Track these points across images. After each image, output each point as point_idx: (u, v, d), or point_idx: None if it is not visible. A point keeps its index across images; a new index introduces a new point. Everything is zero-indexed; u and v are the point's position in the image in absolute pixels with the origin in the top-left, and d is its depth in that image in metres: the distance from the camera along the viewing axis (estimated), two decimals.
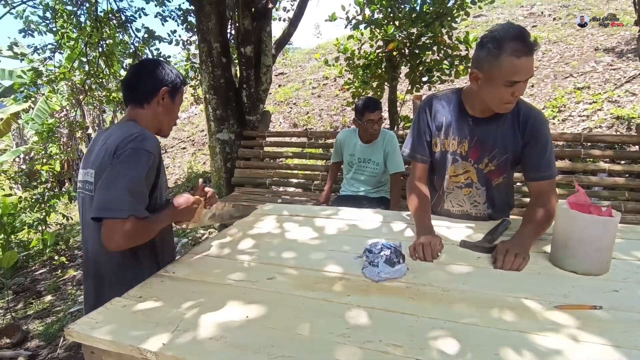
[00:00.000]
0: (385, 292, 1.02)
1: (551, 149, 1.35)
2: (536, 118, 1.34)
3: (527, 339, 0.80)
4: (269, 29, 3.87)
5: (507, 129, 1.37)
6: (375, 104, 2.48)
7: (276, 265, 1.21)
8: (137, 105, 1.26)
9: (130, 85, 1.27)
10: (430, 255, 1.19)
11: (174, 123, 1.35)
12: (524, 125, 1.35)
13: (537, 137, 1.34)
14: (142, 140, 1.13)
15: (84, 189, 1.23)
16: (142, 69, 1.28)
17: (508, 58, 1.18)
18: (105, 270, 1.21)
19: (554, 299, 0.95)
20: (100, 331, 0.88)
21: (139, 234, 1.10)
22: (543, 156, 1.34)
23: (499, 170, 1.44)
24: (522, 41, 1.17)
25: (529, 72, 1.20)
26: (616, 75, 5.83)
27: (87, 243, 1.25)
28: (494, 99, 1.28)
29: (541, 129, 1.34)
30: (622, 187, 2.58)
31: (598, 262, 1.05)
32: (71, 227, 5.43)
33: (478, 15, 9.13)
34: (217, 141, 3.88)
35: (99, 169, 1.15)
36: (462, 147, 1.44)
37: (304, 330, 0.86)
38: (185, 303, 0.99)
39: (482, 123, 1.39)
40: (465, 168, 1.47)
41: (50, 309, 3.13)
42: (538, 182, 1.35)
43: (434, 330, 0.84)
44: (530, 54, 1.17)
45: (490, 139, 1.39)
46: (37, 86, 5.26)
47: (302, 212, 1.75)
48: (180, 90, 1.33)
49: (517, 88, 1.22)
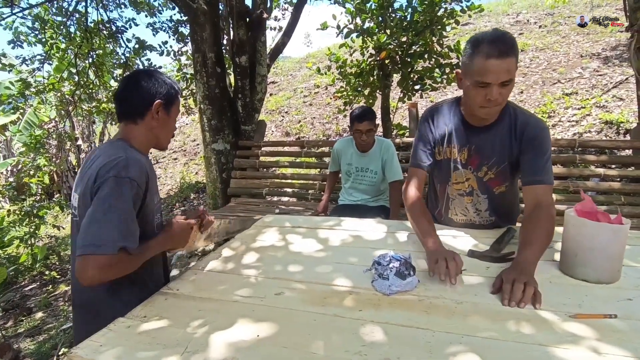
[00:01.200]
0: (398, 306, 1.00)
1: (549, 157, 1.32)
2: (534, 126, 1.33)
3: (549, 352, 0.78)
4: (263, 38, 3.87)
5: (504, 137, 1.37)
6: (363, 114, 2.43)
7: (283, 280, 1.18)
8: (130, 121, 1.18)
9: (121, 100, 1.18)
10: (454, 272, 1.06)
11: (171, 136, 1.27)
12: (521, 133, 1.34)
13: (533, 143, 1.32)
14: (125, 167, 1.03)
15: (72, 213, 1.17)
16: (133, 81, 1.18)
17: (479, 58, 1.20)
18: (93, 298, 1.14)
19: (568, 309, 0.94)
20: (105, 355, 0.84)
21: (117, 267, 1.00)
22: (539, 161, 1.31)
23: (499, 179, 1.43)
24: (495, 44, 1.17)
25: (500, 76, 1.19)
26: (603, 81, 5.96)
27: (73, 268, 1.19)
28: (470, 100, 1.31)
29: (539, 136, 1.32)
30: (617, 192, 2.61)
31: (609, 270, 1.05)
32: (62, 240, 5.32)
33: (466, 24, 9.27)
34: (212, 151, 3.84)
35: (82, 194, 1.09)
36: (462, 155, 1.44)
37: (319, 349, 0.83)
38: (193, 322, 0.96)
39: (479, 131, 1.39)
40: (466, 176, 1.47)
41: (41, 326, 3.04)
42: (533, 186, 1.30)
43: (452, 346, 0.82)
44: (502, 57, 1.17)
45: (487, 147, 1.39)
46: (25, 97, 5.17)
47: (304, 223, 1.73)
48: (176, 101, 1.24)
49: (490, 91, 1.22)
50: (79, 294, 1.18)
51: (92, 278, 0.96)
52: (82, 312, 1.18)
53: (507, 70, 1.19)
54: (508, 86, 1.23)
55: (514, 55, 1.19)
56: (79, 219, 1.07)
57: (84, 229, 0.98)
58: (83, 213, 1.04)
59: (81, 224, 1.00)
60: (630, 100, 5.18)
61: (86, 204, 1.05)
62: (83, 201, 1.08)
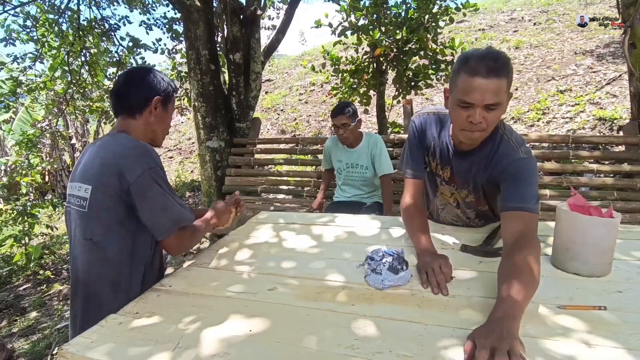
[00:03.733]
0: (390, 300, 1.00)
1: (531, 185, 1.13)
2: (513, 164, 1.16)
3: (539, 345, 0.79)
4: (257, 35, 3.85)
5: (480, 167, 1.26)
6: (338, 109, 2.45)
7: (276, 276, 1.18)
8: (128, 116, 1.22)
9: (120, 95, 1.22)
10: (444, 283, 1.03)
11: (167, 132, 1.32)
12: (495, 167, 1.20)
13: (510, 179, 1.16)
14: (150, 156, 1.14)
15: (73, 203, 1.18)
16: (132, 77, 1.23)
17: (463, 76, 1.07)
18: (96, 291, 1.15)
19: (559, 302, 0.95)
20: (96, 351, 0.84)
21: (195, 237, 1.27)
22: (518, 188, 1.13)
23: (480, 202, 1.39)
24: (483, 61, 1.04)
25: (485, 97, 1.05)
26: (596, 78, 5.99)
27: (75, 262, 1.19)
28: (453, 121, 1.21)
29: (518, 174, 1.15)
30: (610, 187, 2.63)
31: (601, 263, 1.06)
32: (57, 239, 5.28)
33: (461, 21, 9.28)
34: (206, 149, 3.82)
35: (98, 186, 1.12)
36: (445, 173, 1.38)
37: (311, 344, 0.83)
38: (185, 318, 0.96)
39: (459, 155, 1.29)
40: (451, 191, 1.43)
41: (35, 325, 3.02)
42: (512, 213, 1.09)
43: (443, 339, 0.82)
44: (489, 77, 1.03)
45: (463, 174, 1.32)
46: (17, 95, 5.12)
47: (298, 220, 1.73)
48: (173, 98, 1.30)
49: (473, 113, 1.08)
50: (85, 286, 1.17)
51: (185, 246, 1.24)
52: (84, 304, 1.18)
53: (495, 92, 1.04)
54: (495, 111, 1.08)
55: (505, 77, 1.05)
56: (89, 210, 1.12)
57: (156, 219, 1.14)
58: (96, 204, 1.11)
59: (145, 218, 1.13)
60: (624, 97, 5.22)
61: (108, 194, 1.11)
62: (102, 191, 1.11)
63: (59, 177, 8.58)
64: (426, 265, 1.09)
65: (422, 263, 1.13)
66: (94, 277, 1.15)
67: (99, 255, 1.14)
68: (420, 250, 1.20)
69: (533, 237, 1.04)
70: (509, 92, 1.10)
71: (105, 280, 1.14)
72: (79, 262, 1.18)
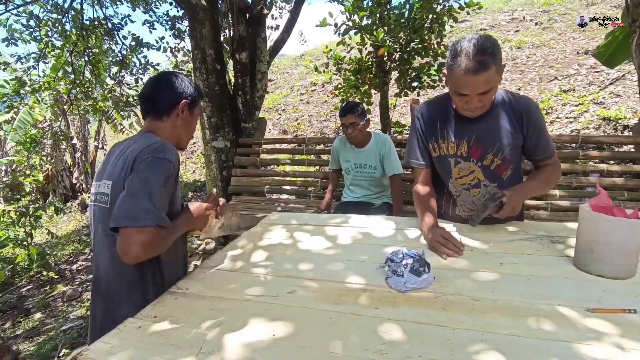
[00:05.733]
0: (414, 303, 0.98)
1: (546, 129, 1.40)
2: (529, 107, 1.36)
3: (573, 350, 0.77)
4: (263, 35, 3.83)
5: (504, 121, 1.37)
6: (346, 109, 2.45)
7: (294, 278, 1.16)
8: (156, 118, 1.25)
9: (148, 98, 1.25)
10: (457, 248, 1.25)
11: (191, 136, 1.34)
12: (519, 116, 1.36)
13: (534, 125, 1.36)
14: (163, 150, 1.11)
15: (98, 200, 1.18)
16: (161, 81, 1.26)
17: (456, 71, 1.21)
18: (116, 289, 1.15)
19: (587, 304, 0.93)
20: (117, 357, 0.82)
21: (158, 244, 1.04)
22: (543, 140, 1.38)
23: (506, 163, 1.42)
24: (472, 58, 1.17)
25: (477, 88, 1.21)
26: (599, 78, 5.98)
27: (98, 259, 1.18)
28: (454, 103, 1.36)
29: (536, 116, 1.36)
30: (620, 187, 2.62)
31: (626, 265, 1.04)
32: (58, 241, 5.26)
33: (462, 21, 9.27)
34: (212, 149, 3.80)
35: (117, 180, 1.11)
36: (462, 148, 1.42)
37: (337, 348, 0.81)
38: (205, 322, 0.94)
39: (476, 121, 1.37)
40: (470, 169, 1.45)
41: (40, 327, 3.00)
42: (543, 162, 1.43)
43: (473, 344, 0.80)
44: (478, 72, 1.17)
45: (489, 135, 1.38)
46: (21, 96, 5.10)
47: (310, 220, 1.71)
48: (199, 102, 1.33)
49: (470, 101, 1.25)
50: (105, 284, 1.16)
51: (135, 253, 0.99)
52: (103, 303, 1.17)
53: (485, 82, 1.20)
54: (489, 93, 1.24)
55: (493, 65, 1.18)
56: (110, 205, 1.10)
57: (121, 201, 1.02)
58: (116, 199, 1.06)
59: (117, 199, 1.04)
60: (628, 96, 5.21)
61: None
62: (121, 185, 1.09)
63: (60, 177, 8.56)
64: (431, 242, 1.30)
65: (428, 241, 1.33)
66: (115, 275, 1.14)
67: None
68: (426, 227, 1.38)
69: (559, 165, 1.45)
70: (500, 72, 1.23)
71: (124, 278, 1.14)
72: (100, 259, 1.17)
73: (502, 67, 1.23)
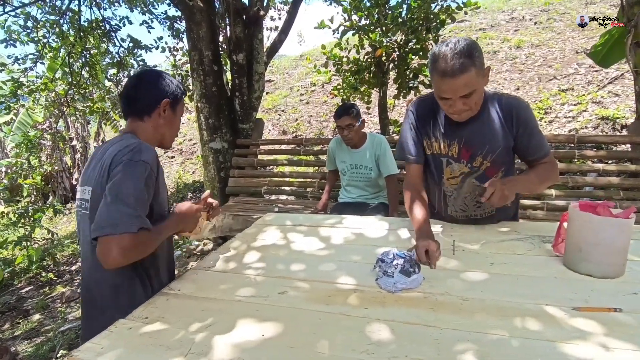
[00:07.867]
0: (403, 304, 0.99)
1: (538, 129, 1.38)
2: (518, 107, 1.35)
3: (557, 349, 0.77)
4: (260, 36, 3.84)
5: (494, 123, 1.36)
6: (340, 111, 2.45)
7: (286, 279, 1.17)
8: (137, 118, 1.21)
9: (129, 97, 1.21)
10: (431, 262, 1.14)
11: (175, 134, 1.31)
12: (509, 116, 1.35)
13: (524, 125, 1.35)
14: (139, 152, 1.07)
15: (80, 207, 1.17)
16: (141, 80, 1.22)
17: (435, 77, 1.22)
18: (98, 295, 1.14)
19: (575, 304, 0.93)
20: (107, 357, 0.82)
21: (139, 248, 1.01)
22: (534, 140, 1.37)
23: (496, 165, 1.43)
24: (449, 62, 1.16)
25: (457, 92, 1.21)
26: (598, 77, 5.98)
27: (84, 264, 1.19)
28: (441, 106, 1.34)
29: (526, 116, 1.35)
30: (616, 187, 2.62)
31: (614, 264, 1.04)
32: (58, 242, 5.27)
33: (461, 21, 9.26)
34: (209, 150, 3.81)
35: (96, 185, 1.10)
36: (453, 149, 1.43)
37: (324, 348, 0.82)
38: (195, 323, 0.95)
39: (466, 124, 1.36)
40: (461, 170, 1.45)
41: (39, 328, 3.01)
42: (537, 161, 1.40)
43: (460, 343, 0.81)
44: (456, 76, 1.16)
45: (478, 137, 1.38)
46: (17, 97, 5.11)
47: (305, 221, 1.72)
48: (182, 100, 1.29)
49: (453, 104, 1.24)
50: (91, 289, 1.16)
51: (115, 260, 0.97)
52: (89, 308, 1.18)
53: (465, 85, 1.19)
54: (473, 95, 1.23)
55: (472, 67, 1.17)
56: (90, 212, 1.09)
57: (100, 209, 1.00)
58: (96, 205, 1.04)
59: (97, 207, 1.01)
60: (626, 95, 5.21)
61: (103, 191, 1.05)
62: (100, 192, 1.07)
63: (60, 178, 8.57)
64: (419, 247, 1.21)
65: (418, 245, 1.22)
66: (96, 282, 1.14)
67: None
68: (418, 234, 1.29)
69: (555, 164, 1.41)
70: (481, 74, 1.21)
71: (106, 284, 1.13)
72: (85, 265, 1.17)
73: (485, 69, 1.23)
